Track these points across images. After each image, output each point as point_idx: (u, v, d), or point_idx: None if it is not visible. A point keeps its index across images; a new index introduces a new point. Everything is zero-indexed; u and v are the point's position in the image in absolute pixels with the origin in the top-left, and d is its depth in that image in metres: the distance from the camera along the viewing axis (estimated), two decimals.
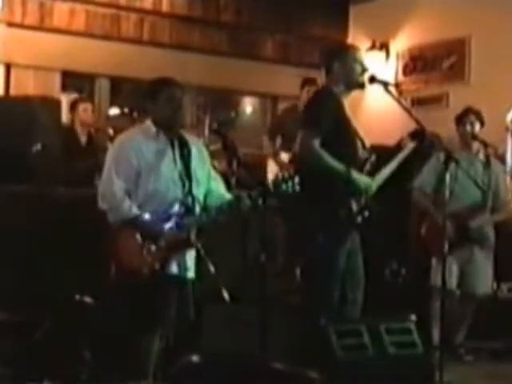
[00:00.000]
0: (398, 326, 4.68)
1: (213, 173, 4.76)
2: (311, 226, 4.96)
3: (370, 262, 5.20)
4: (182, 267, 4.46)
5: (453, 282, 5.96)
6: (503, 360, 6.01)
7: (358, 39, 9.18)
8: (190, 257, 4.53)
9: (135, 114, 7.15)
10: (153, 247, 4.35)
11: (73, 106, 7.42)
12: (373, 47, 9.13)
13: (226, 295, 4.70)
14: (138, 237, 4.35)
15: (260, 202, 4.23)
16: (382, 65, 9.01)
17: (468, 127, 6.11)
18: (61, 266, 5.35)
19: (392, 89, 5.28)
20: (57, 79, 8.25)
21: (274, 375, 4.09)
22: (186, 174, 4.49)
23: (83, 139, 7.41)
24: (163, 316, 4.39)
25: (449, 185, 5.06)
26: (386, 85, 5.13)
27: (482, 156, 6.20)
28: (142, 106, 4.63)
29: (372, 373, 4.50)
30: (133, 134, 4.62)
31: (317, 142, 4.85)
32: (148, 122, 4.56)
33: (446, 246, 4.96)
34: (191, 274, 4.54)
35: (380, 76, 5.23)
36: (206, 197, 4.61)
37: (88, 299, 4.97)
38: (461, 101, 7.36)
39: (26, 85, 7.97)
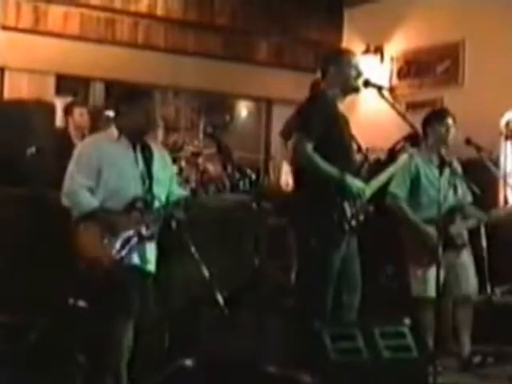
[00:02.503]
0: (392, 329, 4.68)
1: (175, 179, 5.10)
2: (305, 228, 4.97)
3: (365, 265, 5.21)
4: (143, 259, 4.66)
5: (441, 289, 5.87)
6: (497, 364, 6.00)
7: (352, 43, 9.19)
8: (151, 250, 4.73)
9: None
10: (112, 239, 4.54)
11: (68, 110, 7.41)
12: (367, 51, 9.14)
13: (219, 299, 4.71)
14: (98, 229, 4.55)
15: (254, 205, 4.28)
16: (376, 69, 9.01)
17: (452, 129, 6.03)
18: (56, 269, 5.35)
19: (386, 93, 5.29)
20: (51, 83, 8.25)
21: (268, 378, 4.09)
22: (147, 173, 4.74)
23: (77, 143, 7.40)
24: (127, 304, 4.53)
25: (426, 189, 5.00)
26: (380, 89, 5.14)
27: (446, 157, 6.08)
28: (114, 108, 4.87)
29: (366, 377, 4.50)
30: (95, 137, 5.04)
31: (309, 146, 4.87)
32: (112, 128, 4.83)
33: (440, 252, 4.92)
34: (151, 266, 4.74)
35: (374, 80, 5.24)
36: (168, 198, 4.85)
37: (82, 303, 4.96)
38: (455, 105, 7.35)
39: (21, 88, 7.97)
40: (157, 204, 4.72)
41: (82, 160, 4.71)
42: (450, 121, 6.00)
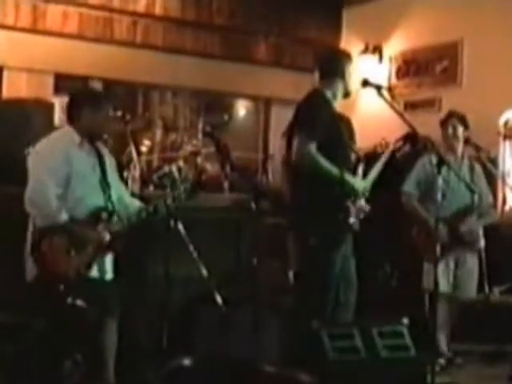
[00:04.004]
0: (390, 329, 4.69)
1: (119, 181, 5.05)
2: (308, 229, 4.96)
3: (363, 264, 5.21)
4: (102, 270, 4.66)
5: (449, 285, 5.97)
6: (495, 363, 6.02)
7: (351, 42, 9.20)
8: (108, 259, 4.73)
9: (128, 117, 7.15)
10: (80, 252, 4.49)
11: None
12: (366, 50, 9.14)
13: (218, 298, 4.71)
14: (66, 241, 4.48)
15: (253, 205, 4.27)
16: (374, 68, 9.02)
17: (450, 130, 6.13)
18: None
19: (385, 92, 5.30)
20: (50, 82, 8.23)
21: (267, 378, 4.10)
22: (105, 181, 4.69)
23: None
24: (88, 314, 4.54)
25: (441, 188, 5.08)
26: (378, 88, 5.14)
27: (466, 159, 6.21)
28: (76, 111, 4.75)
29: (364, 376, 4.51)
30: (61, 140, 4.76)
31: (313, 147, 4.86)
32: (69, 129, 4.73)
33: (439, 250, 4.96)
34: (108, 275, 4.74)
35: (373, 79, 5.25)
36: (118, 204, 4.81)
37: (80, 302, 4.97)
38: (453, 105, 7.35)
39: (19, 87, 7.96)
40: (117, 213, 4.68)
41: (50, 166, 4.58)
42: (453, 123, 6.10)
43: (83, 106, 4.72)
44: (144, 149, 7.80)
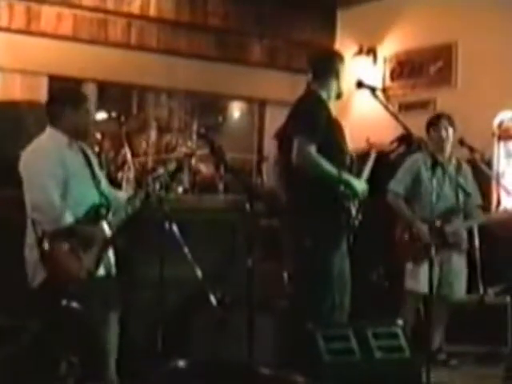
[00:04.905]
0: (384, 330, 4.69)
1: (104, 176, 5.11)
2: (309, 231, 4.96)
3: (357, 265, 5.22)
4: (108, 266, 4.72)
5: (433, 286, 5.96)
6: (489, 364, 6.02)
7: (345, 44, 9.20)
8: (111, 254, 4.78)
9: (122, 119, 7.14)
10: (87, 251, 4.51)
11: None
12: (360, 52, 9.14)
13: (212, 300, 4.71)
14: (74, 243, 4.49)
15: (247, 207, 4.28)
16: (369, 70, 9.02)
17: (443, 132, 6.13)
18: None
19: (379, 94, 5.30)
20: (44, 83, 8.22)
21: (261, 380, 4.09)
22: (95, 177, 4.75)
23: None
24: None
25: (429, 189, 5.09)
26: (373, 90, 5.15)
27: (454, 160, 6.22)
28: (58, 111, 4.76)
29: (359, 377, 4.51)
30: (51, 142, 4.76)
31: (313, 149, 4.86)
32: (54, 131, 4.74)
33: (433, 250, 4.96)
34: (113, 269, 4.81)
35: (367, 81, 5.25)
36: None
37: (75, 304, 4.96)
38: (448, 106, 7.37)
39: (13, 89, 7.94)
40: (113, 207, 4.72)
41: (49, 169, 4.60)
42: (445, 124, 6.09)
43: (64, 106, 4.74)
44: (139, 150, 7.80)
